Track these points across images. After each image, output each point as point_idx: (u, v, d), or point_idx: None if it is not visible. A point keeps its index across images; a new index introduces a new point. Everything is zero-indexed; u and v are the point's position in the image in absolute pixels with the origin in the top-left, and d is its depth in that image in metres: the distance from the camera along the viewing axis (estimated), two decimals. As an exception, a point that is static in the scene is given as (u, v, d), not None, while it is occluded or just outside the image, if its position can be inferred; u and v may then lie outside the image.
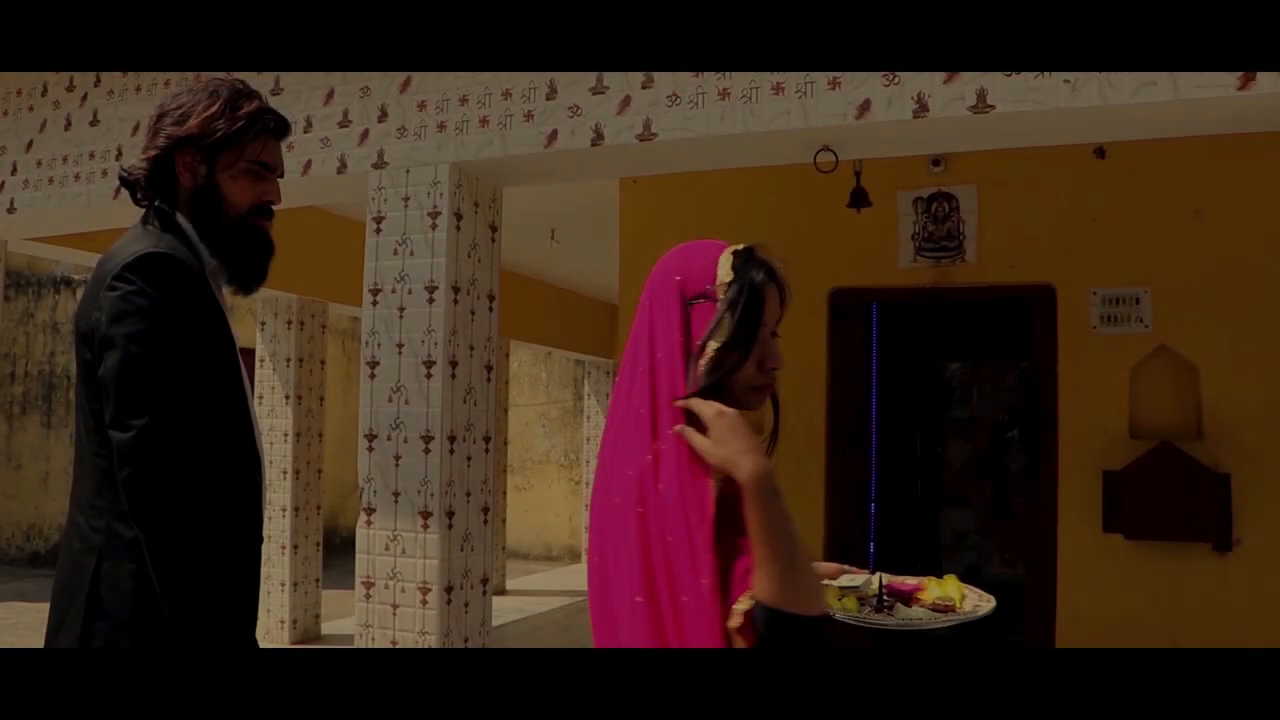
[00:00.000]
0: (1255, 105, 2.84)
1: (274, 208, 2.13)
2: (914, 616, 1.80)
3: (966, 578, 5.15)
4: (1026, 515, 6.12)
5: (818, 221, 5.46)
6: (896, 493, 7.59)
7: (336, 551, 11.25)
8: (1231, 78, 2.77)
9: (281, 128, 2.14)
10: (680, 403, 1.46)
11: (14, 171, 4.73)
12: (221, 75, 2.17)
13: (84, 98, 4.56)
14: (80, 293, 9.24)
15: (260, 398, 7.67)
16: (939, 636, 2.05)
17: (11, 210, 4.71)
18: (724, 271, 1.54)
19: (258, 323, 7.96)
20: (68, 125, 4.59)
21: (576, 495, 12.72)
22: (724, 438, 1.41)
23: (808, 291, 5.87)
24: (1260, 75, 2.75)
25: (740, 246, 1.60)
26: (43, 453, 11.12)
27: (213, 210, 2.05)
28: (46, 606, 2.08)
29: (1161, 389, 5.39)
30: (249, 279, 2.11)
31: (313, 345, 7.89)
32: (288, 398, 7.73)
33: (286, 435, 7.74)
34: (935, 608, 1.81)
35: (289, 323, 7.76)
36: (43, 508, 11.03)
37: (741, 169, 4.38)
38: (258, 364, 7.86)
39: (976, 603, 1.83)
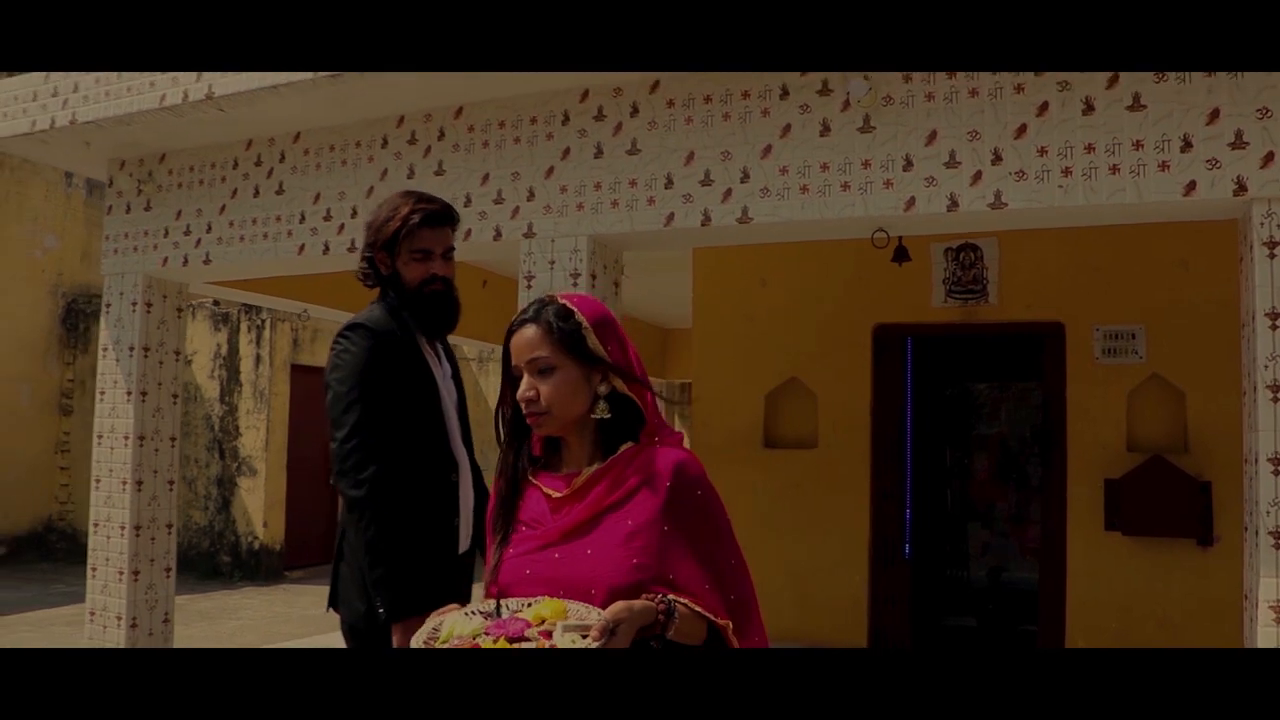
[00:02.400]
0: (1196, 206, 3.98)
1: (448, 275, 3.10)
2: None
3: (991, 577, 6.81)
4: (1041, 518, 7.23)
5: (865, 269, 6.58)
6: (929, 501, 8.69)
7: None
8: (1179, 186, 3.91)
9: (432, 220, 3.03)
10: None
11: (209, 230, 5.92)
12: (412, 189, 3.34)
13: (270, 172, 5.74)
14: (197, 317, 10.45)
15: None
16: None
17: (207, 262, 5.90)
18: None
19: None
20: (256, 193, 5.78)
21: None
22: None
23: (854, 327, 7.05)
24: (1199, 184, 3.88)
25: None
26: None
27: (399, 288, 3.10)
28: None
29: (1153, 410, 6.52)
30: (431, 329, 3.14)
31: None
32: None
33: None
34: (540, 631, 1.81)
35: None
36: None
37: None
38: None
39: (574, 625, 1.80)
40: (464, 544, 3.10)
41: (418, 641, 1.88)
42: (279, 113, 5.38)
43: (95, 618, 6.22)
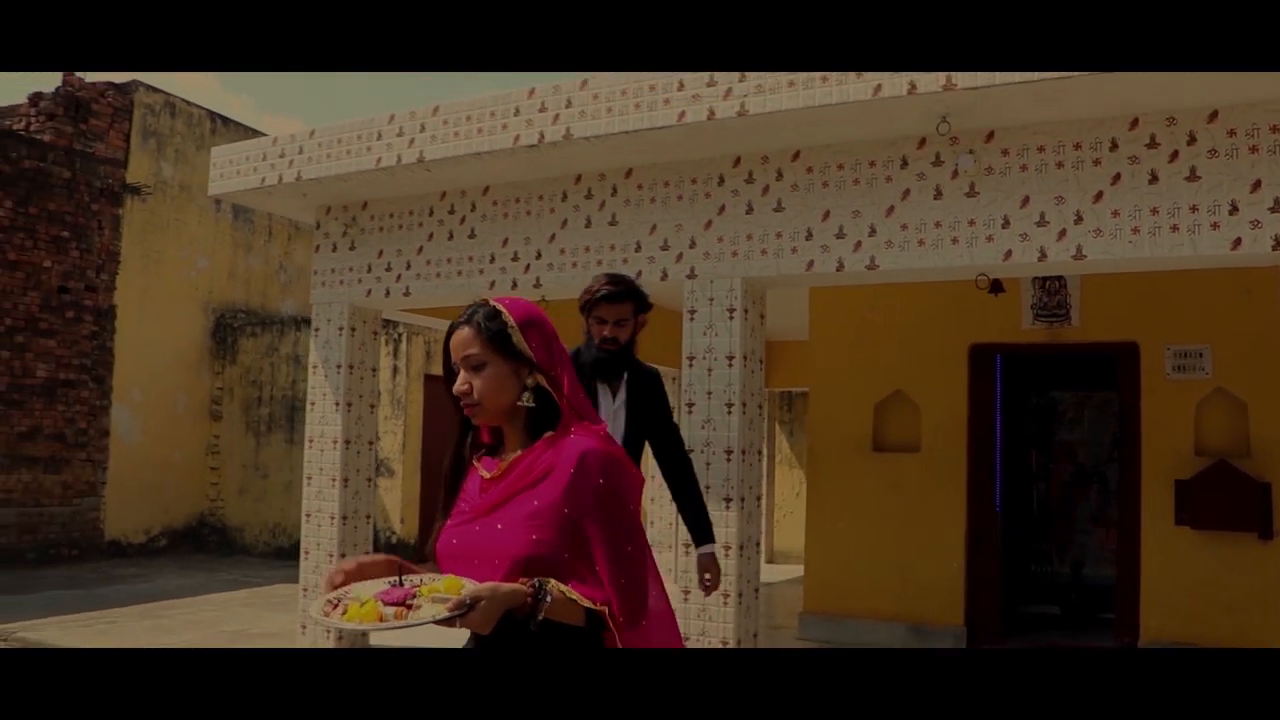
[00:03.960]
0: (1241, 258, 5.05)
1: (618, 339, 4.37)
2: (424, 616, 1.96)
3: (1073, 571, 8.33)
4: (1118, 516, 8.26)
5: (962, 296, 7.65)
6: (1016, 501, 9.72)
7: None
8: (1227, 242, 4.97)
9: (608, 298, 4.30)
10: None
11: (408, 267, 7.18)
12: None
13: (463, 219, 6.98)
14: (311, 329, 11.72)
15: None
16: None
17: (406, 294, 7.16)
18: None
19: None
20: (450, 237, 7.02)
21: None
22: None
23: (952, 347, 8.15)
24: (1244, 240, 4.94)
25: None
26: (286, 464, 13.77)
27: (589, 340, 4.41)
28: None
29: (1219, 419, 7.55)
30: (599, 376, 4.44)
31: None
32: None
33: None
34: (435, 599, 1.98)
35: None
36: (285, 510, 13.66)
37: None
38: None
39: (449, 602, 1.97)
40: None
41: (325, 599, 2.11)
42: (474, 171, 6.61)
43: (308, 594, 7.48)
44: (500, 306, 2.29)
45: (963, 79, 4.92)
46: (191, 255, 14.33)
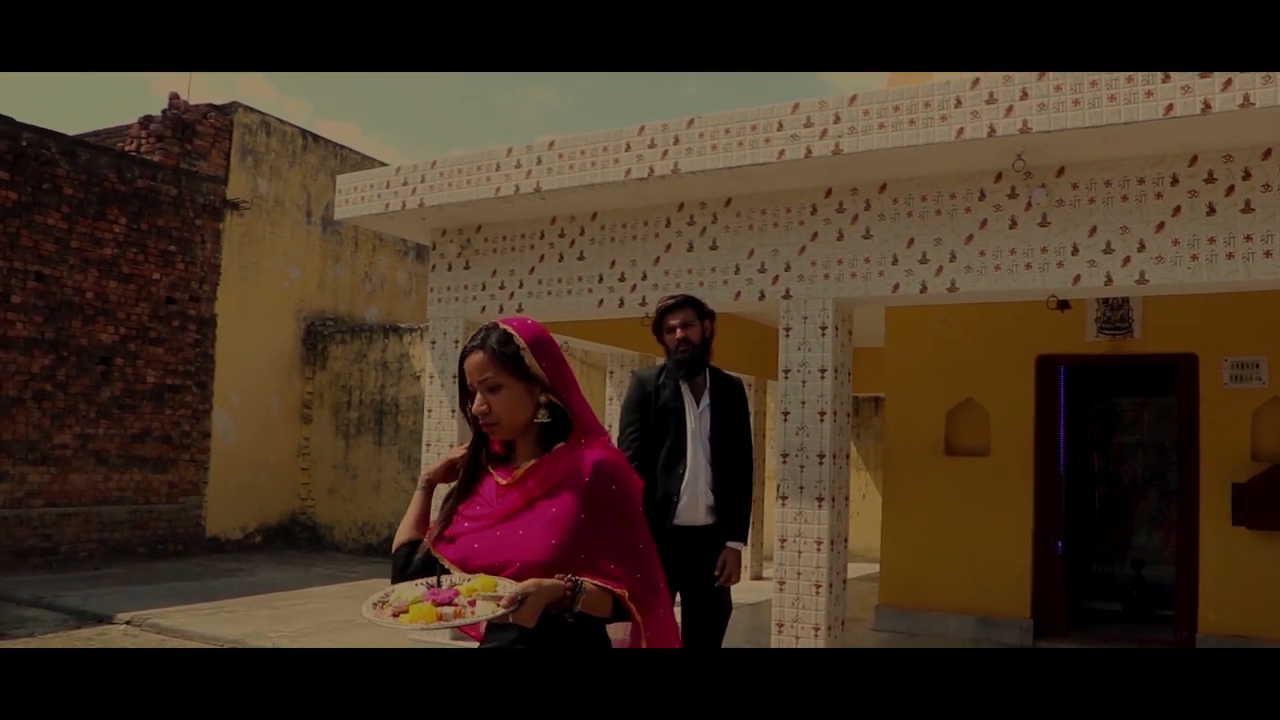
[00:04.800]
0: (1291, 284, 5.67)
1: (689, 339, 5.05)
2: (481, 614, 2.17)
3: (1134, 569, 9.18)
4: (1178, 516, 8.84)
5: (1030, 310, 8.26)
6: (1080, 502, 10.31)
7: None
8: (1279, 268, 5.58)
9: (668, 311, 5.06)
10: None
11: (520, 285, 7.93)
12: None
13: (572, 242, 7.71)
14: (403, 338, 12.67)
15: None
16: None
17: (519, 310, 7.90)
18: None
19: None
20: (561, 259, 7.76)
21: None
22: None
23: (1020, 357, 8.78)
24: (1294, 268, 5.56)
25: None
26: (375, 465, 14.62)
27: (668, 352, 5.15)
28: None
29: (1274, 426, 8.13)
30: (680, 374, 5.12)
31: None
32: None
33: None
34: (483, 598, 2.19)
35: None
36: (374, 509, 14.50)
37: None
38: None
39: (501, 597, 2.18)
40: (684, 514, 4.96)
41: (369, 601, 2.32)
42: (584, 199, 7.33)
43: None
44: (511, 330, 2.45)
45: (1037, 122, 5.59)
46: (285, 266, 15.21)
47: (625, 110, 79.36)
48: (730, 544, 5.05)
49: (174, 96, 13.98)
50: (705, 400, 5.15)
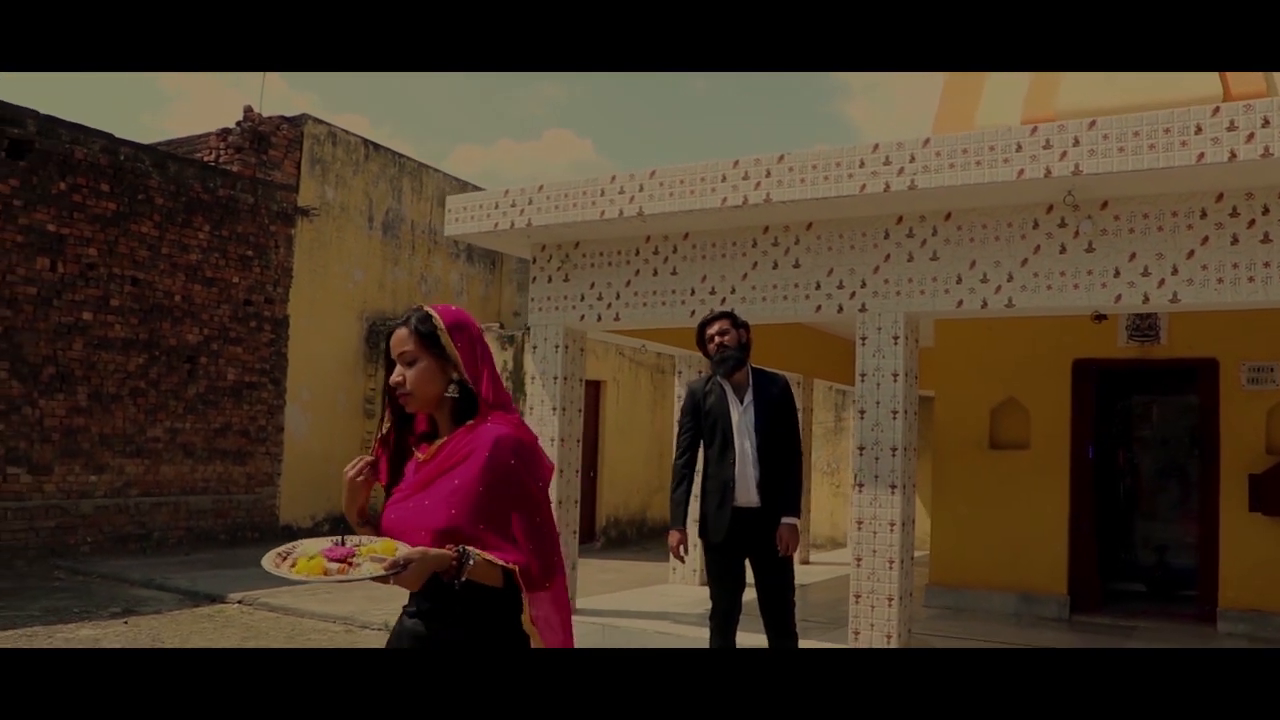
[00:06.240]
0: (1301, 304, 6.83)
1: (725, 343, 6.21)
2: (363, 573, 2.32)
3: (1156, 554, 10.71)
4: (1199, 504, 10.00)
5: (1068, 318, 9.43)
6: (1108, 493, 11.45)
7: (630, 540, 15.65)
8: (1291, 291, 6.73)
9: (706, 322, 6.22)
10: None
11: (618, 297, 9.08)
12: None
13: (665, 259, 8.86)
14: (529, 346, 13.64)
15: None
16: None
17: (617, 319, 9.07)
18: None
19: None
20: (655, 273, 8.91)
21: (838, 496, 16.83)
22: None
23: (1058, 361, 9.95)
24: (1304, 290, 6.71)
25: None
26: (438, 458, 15.79)
27: (710, 359, 6.35)
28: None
29: (1286, 424, 9.30)
30: (720, 372, 6.27)
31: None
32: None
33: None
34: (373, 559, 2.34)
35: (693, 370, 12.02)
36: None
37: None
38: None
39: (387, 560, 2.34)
40: (739, 497, 6.08)
41: (272, 553, 2.46)
42: (679, 222, 8.48)
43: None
44: (433, 312, 2.68)
45: (1088, 166, 6.73)
46: (349, 269, 16.39)
47: (628, 106, 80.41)
48: (785, 519, 6.13)
49: (248, 109, 15.15)
50: (748, 398, 6.28)
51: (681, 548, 6.23)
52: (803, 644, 6.52)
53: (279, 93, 64.19)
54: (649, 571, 13.24)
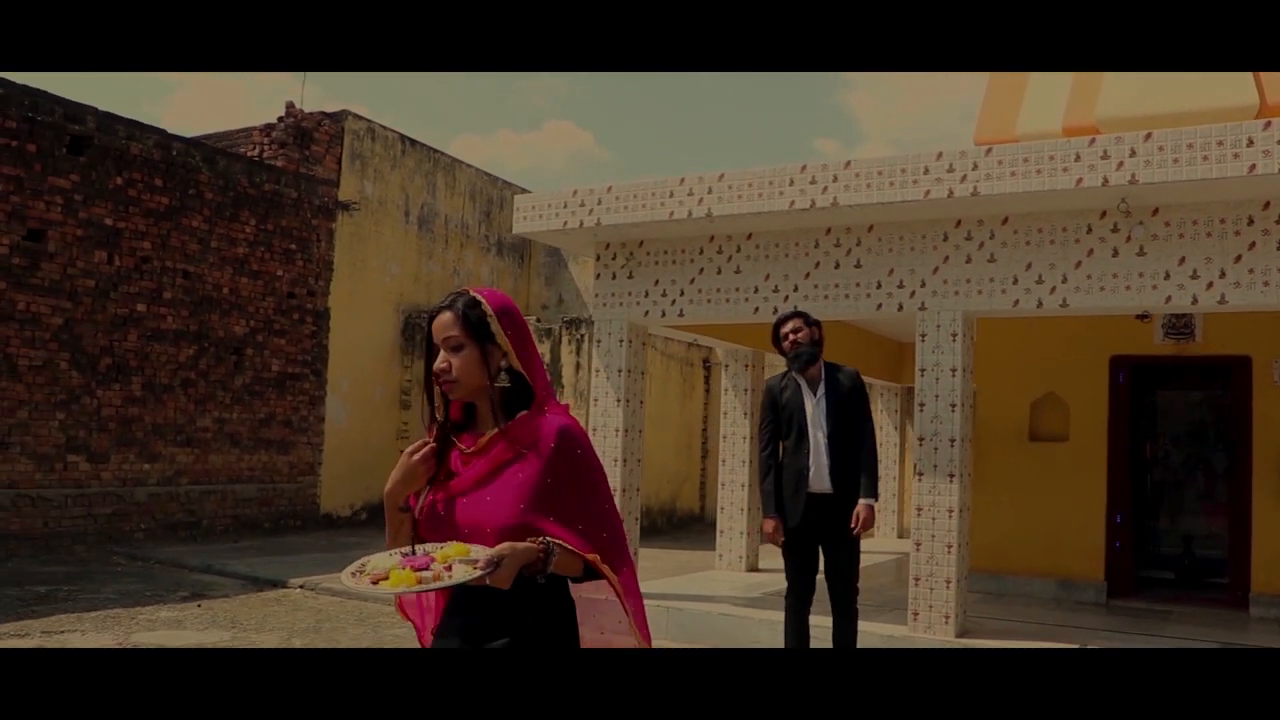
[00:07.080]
0: (1342, 305, 7.42)
1: (799, 340, 6.79)
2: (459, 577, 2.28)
3: (1184, 543, 11.48)
4: (1230, 493, 10.59)
5: (1106, 317, 10.01)
6: (1138, 483, 12.03)
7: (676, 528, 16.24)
8: (1332, 294, 7.32)
9: (780, 322, 6.87)
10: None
11: (682, 294, 9.63)
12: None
13: (729, 258, 9.41)
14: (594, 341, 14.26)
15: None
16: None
17: (681, 315, 9.61)
18: None
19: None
20: (719, 271, 9.46)
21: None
22: None
23: (1096, 357, 10.54)
24: (1344, 293, 7.29)
25: None
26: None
27: (785, 356, 6.95)
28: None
29: (1315, 418, 9.91)
30: (795, 367, 6.87)
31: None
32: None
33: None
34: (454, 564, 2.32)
35: (744, 366, 12.55)
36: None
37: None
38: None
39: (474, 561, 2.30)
40: (814, 484, 6.71)
41: (347, 571, 2.46)
42: (744, 222, 9.03)
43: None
44: (480, 296, 2.58)
45: (1143, 176, 7.30)
46: (386, 263, 16.94)
47: (629, 98, 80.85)
48: (862, 500, 6.72)
49: (290, 105, 15.66)
50: (821, 390, 6.86)
51: (778, 533, 6.77)
52: (861, 624, 7.10)
53: (282, 82, 64.56)
54: (685, 559, 13.77)
